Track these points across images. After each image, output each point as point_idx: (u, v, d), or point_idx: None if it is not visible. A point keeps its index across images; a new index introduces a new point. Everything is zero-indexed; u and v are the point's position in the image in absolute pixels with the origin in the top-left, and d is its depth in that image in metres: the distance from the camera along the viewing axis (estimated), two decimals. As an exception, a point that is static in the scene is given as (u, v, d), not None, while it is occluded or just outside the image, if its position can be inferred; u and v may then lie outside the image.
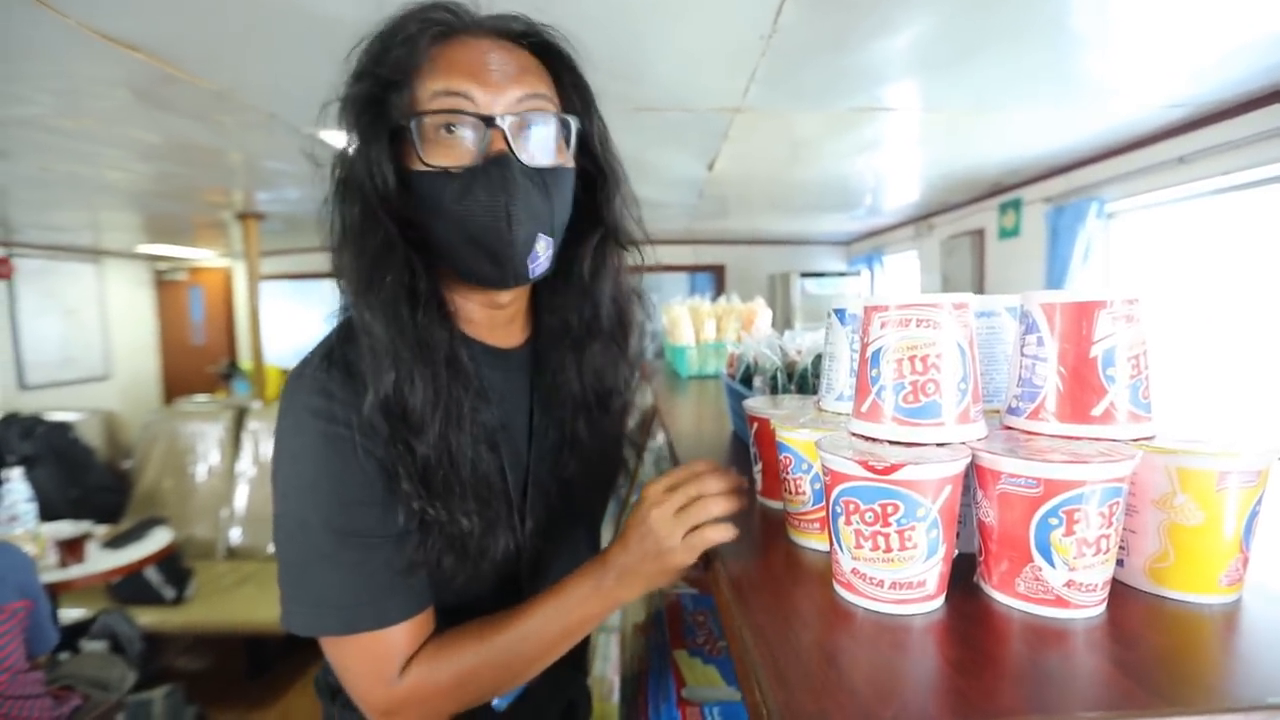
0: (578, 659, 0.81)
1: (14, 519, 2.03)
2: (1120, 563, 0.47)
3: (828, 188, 3.51)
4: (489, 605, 0.62)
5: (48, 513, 2.93)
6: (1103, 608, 0.45)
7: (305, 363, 0.60)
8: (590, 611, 0.59)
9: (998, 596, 0.47)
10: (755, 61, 1.63)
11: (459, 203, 0.55)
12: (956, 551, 0.54)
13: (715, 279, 6.30)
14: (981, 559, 0.49)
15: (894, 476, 0.45)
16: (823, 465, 0.50)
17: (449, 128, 0.55)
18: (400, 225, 0.58)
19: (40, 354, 4.85)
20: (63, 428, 3.44)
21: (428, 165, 0.56)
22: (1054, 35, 1.52)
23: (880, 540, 0.46)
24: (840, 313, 0.69)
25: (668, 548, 0.56)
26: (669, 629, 0.83)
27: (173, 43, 1.47)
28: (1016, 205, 3.45)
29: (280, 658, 2.84)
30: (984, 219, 3.80)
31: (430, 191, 0.56)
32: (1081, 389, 0.50)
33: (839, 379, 0.68)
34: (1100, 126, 2.35)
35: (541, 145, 0.58)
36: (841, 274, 5.58)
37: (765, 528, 0.67)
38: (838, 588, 0.50)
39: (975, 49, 1.59)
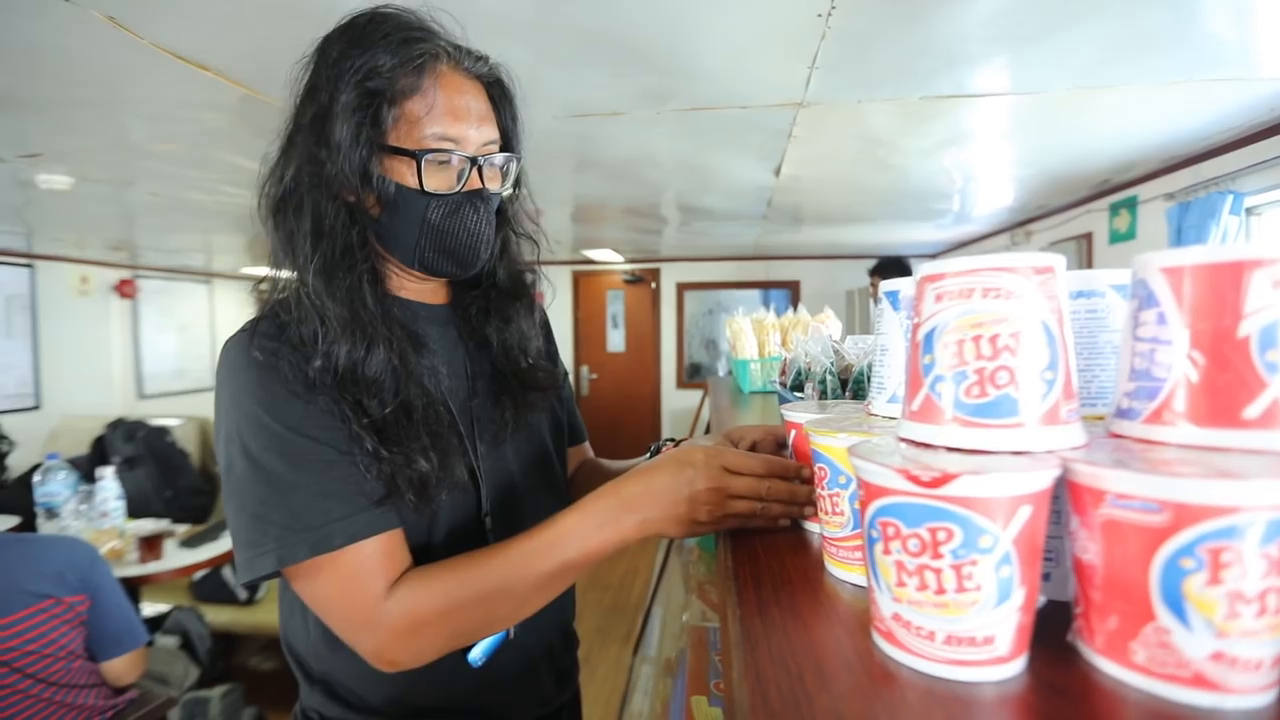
0: (566, 629, 0.82)
1: (104, 515, 2.17)
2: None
3: (908, 192, 3.28)
4: (459, 541, 0.66)
5: (144, 510, 3.14)
6: (1272, 695, 0.31)
7: (235, 335, 0.65)
8: (602, 539, 0.58)
9: (1105, 666, 0.34)
10: (815, 45, 1.49)
11: (443, 222, 0.67)
12: (1045, 599, 0.41)
13: (790, 295, 6.10)
14: (1080, 611, 0.36)
15: (945, 491, 0.33)
16: (857, 476, 0.39)
17: (440, 162, 0.65)
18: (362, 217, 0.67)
19: (157, 366, 5.38)
20: (161, 432, 3.70)
21: (422, 189, 0.65)
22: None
23: (929, 578, 0.34)
24: (893, 295, 0.57)
25: (702, 499, 0.56)
26: (690, 671, 0.71)
27: (239, 61, 1.52)
28: (1131, 205, 3.09)
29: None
30: (1091, 222, 3.44)
31: (416, 208, 0.66)
32: (1228, 380, 0.36)
33: (892, 376, 0.56)
34: (1235, 105, 2.02)
35: (497, 179, 0.71)
36: (927, 287, 5.25)
37: (801, 556, 0.56)
38: (876, 637, 0.38)
39: (1074, 14, 1.38)
